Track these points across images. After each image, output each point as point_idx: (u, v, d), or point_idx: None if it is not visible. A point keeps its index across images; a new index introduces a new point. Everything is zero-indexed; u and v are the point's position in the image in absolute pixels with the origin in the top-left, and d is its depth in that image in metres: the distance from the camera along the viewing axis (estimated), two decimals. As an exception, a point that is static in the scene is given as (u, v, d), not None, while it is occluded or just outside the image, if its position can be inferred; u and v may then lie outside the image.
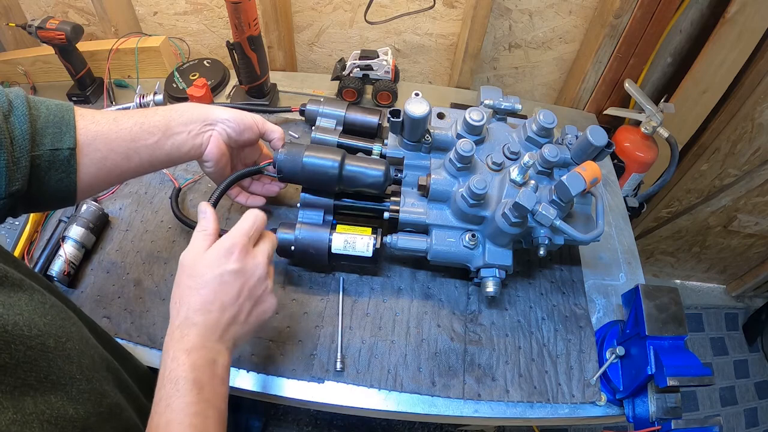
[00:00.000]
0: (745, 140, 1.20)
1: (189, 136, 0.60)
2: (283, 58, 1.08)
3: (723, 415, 1.67)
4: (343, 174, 0.65)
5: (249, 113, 0.65)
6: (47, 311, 0.39)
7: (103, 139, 0.53)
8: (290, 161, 0.65)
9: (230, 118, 0.62)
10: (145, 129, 0.56)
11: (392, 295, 0.74)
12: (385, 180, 0.66)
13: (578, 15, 0.99)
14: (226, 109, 0.63)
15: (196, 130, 0.60)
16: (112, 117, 0.55)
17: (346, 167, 0.65)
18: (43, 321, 0.38)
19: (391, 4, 1.00)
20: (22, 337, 0.35)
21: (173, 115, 0.59)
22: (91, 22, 1.07)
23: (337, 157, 0.65)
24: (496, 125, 0.72)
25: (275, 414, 1.45)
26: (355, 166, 0.65)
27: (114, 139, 0.54)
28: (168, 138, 0.58)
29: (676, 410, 0.60)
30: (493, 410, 0.65)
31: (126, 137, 0.55)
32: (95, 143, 0.52)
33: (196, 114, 0.61)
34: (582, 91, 1.07)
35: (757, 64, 1.02)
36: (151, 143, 0.56)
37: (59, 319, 0.41)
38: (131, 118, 0.56)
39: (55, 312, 0.41)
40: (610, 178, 0.96)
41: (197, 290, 0.48)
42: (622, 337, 0.68)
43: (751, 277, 1.77)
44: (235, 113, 0.63)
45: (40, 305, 0.39)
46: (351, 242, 0.68)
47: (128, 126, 0.55)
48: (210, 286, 0.48)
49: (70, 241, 0.73)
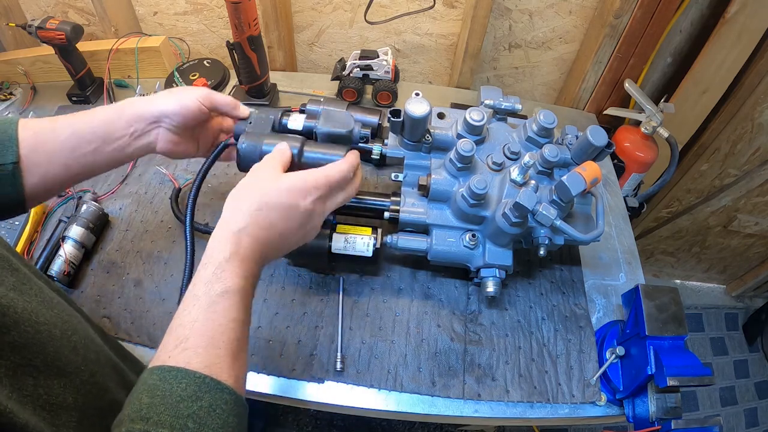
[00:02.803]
0: (745, 140, 1.20)
1: (132, 139, 0.57)
2: (283, 58, 1.08)
3: (723, 415, 1.67)
4: (303, 161, 0.61)
5: (195, 92, 0.60)
6: (54, 306, 0.40)
7: (42, 151, 0.52)
8: (251, 149, 0.60)
9: (174, 111, 0.58)
10: (83, 137, 0.54)
11: (392, 295, 0.74)
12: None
13: (578, 15, 0.99)
14: (170, 97, 0.59)
15: (140, 130, 0.58)
16: (51, 127, 0.54)
17: (305, 154, 0.61)
18: (50, 313, 0.39)
19: (391, 4, 1.00)
20: (31, 321, 0.35)
21: (112, 117, 0.56)
22: (91, 22, 1.07)
23: (296, 144, 0.60)
24: (496, 125, 0.72)
25: (275, 414, 1.45)
26: (314, 153, 0.61)
27: (52, 151, 0.53)
28: (108, 144, 0.56)
29: (676, 410, 0.60)
30: (493, 410, 0.65)
31: (64, 148, 0.53)
32: (35, 157, 0.52)
33: (137, 112, 0.57)
34: (582, 91, 1.07)
35: (757, 64, 1.02)
36: (89, 151, 0.55)
37: (65, 315, 0.41)
38: (69, 127, 0.54)
39: (60, 308, 0.41)
40: (610, 178, 0.96)
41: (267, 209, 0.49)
42: (622, 337, 0.68)
43: (751, 277, 1.77)
44: (179, 100, 0.58)
45: (48, 299, 0.40)
46: (351, 242, 0.68)
47: (65, 136, 0.54)
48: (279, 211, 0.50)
49: (70, 241, 0.72)
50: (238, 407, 0.40)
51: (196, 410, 0.37)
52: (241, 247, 0.46)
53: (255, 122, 0.65)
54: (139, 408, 0.36)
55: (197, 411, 0.37)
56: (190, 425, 0.36)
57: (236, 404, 0.40)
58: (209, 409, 0.38)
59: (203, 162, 0.64)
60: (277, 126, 0.65)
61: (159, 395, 0.37)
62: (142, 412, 0.36)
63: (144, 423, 0.35)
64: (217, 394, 0.39)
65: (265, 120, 0.65)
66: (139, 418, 0.36)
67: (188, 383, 0.38)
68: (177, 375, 0.38)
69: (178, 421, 0.36)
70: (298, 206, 0.50)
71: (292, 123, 0.66)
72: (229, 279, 0.44)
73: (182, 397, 0.37)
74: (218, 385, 0.39)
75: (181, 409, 0.36)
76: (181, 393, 0.37)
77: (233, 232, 0.47)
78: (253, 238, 0.48)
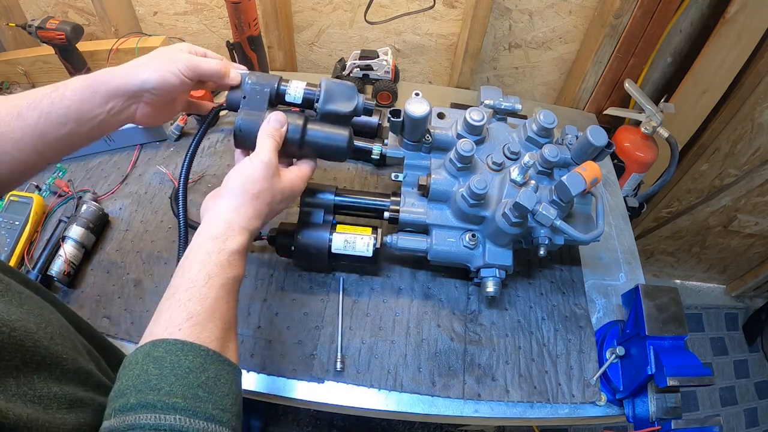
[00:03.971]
0: (745, 140, 1.20)
1: (109, 116, 0.53)
2: (283, 58, 1.08)
3: (723, 415, 1.67)
4: (306, 139, 0.60)
5: (178, 62, 0.54)
6: (23, 301, 0.40)
7: (8, 139, 0.48)
8: (249, 123, 0.58)
9: (155, 86, 0.53)
10: (54, 121, 0.50)
11: (392, 295, 0.74)
12: (348, 146, 0.62)
13: (578, 15, 0.99)
14: (150, 68, 0.53)
15: (118, 107, 0.53)
16: (16, 111, 0.49)
17: (308, 132, 0.60)
18: (20, 310, 0.38)
19: (391, 4, 1.00)
20: (4, 320, 0.35)
21: (85, 94, 0.51)
22: (91, 22, 1.07)
23: (299, 121, 0.59)
24: (496, 125, 0.72)
25: (275, 414, 1.45)
26: (317, 132, 0.60)
27: (20, 138, 0.49)
28: (83, 124, 0.51)
29: (676, 410, 0.60)
30: (493, 410, 0.65)
31: (33, 134, 0.49)
32: (1, 145, 0.48)
33: (114, 88, 0.52)
34: (582, 91, 1.07)
35: (757, 64, 1.02)
36: (63, 134, 0.51)
37: (37, 308, 0.41)
38: (36, 109, 0.49)
39: (32, 302, 0.41)
40: (610, 178, 0.96)
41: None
42: (622, 337, 0.68)
43: (751, 277, 1.77)
44: (161, 75, 0.53)
45: (16, 295, 0.40)
46: (351, 242, 0.68)
47: (33, 120, 0.49)
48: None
49: (70, 241, 0.72)
50: (237, 377, 0.43)
51: (204, 380, 0.39)
52: (249, 242, 0.52)
53: (250, 94, 0.60)
54: (147, 379, 0.38)
55: (205, 381, 0.39)
56: (200, 394, 0.38)
57: (236, 374, 0.43)
58: (215, 378, 0.40)
59: (195, 135, 0.62)
60: (274, 97, 0.61)
61: (167, 366, 0.39)
62: (151, 382, 0.37)
63: (156, 393, 0.37)
64: (220, 365, 0.41)
65: (261, 92, 0.60)
66: (148, 388, 0.37)
67: (195, 355, 0.40)
68: (183, 348, 0.40)
69: (189, 390, 0.38)
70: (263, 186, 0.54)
71: (291, 92, 0.62)
72: (239, 267, 0.49)
73: (191, 369, 0.39)
74: (220, 357, 0.42)
75: (191, 380, 0.38)
76: (188, 365, 0.39)
77: (247, 229, 0.51)
78: (252, 236, 0.53)
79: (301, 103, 0.62)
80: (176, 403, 0.37)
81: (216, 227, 0.49)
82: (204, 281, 0.45)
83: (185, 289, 0.44)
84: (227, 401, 0.40)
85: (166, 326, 0.42)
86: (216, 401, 0.39)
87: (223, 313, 0.45)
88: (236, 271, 0.48)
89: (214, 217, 0.51)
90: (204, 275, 0.45)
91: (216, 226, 0.50)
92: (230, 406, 0.40)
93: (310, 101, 0.62)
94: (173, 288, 0.45)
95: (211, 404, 0.38)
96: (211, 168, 0.87)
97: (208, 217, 0.51)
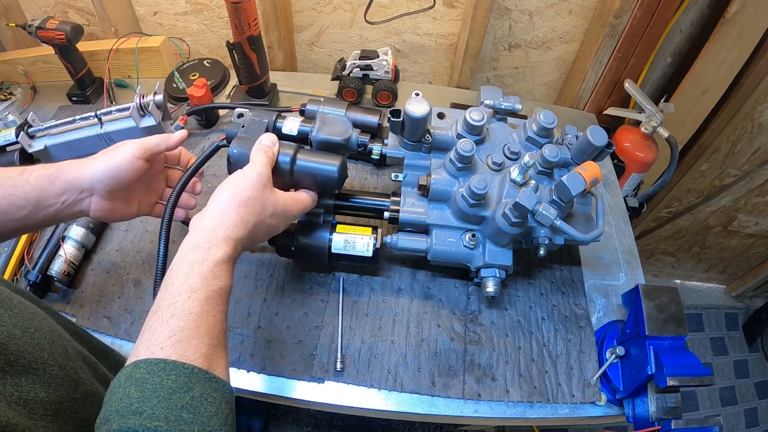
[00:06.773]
0: (745, 140, 1.20)
1: (64, 206, 0.55)
2: (283, 58, 1.08)
3: (723, 415, 1.67)
4: (295, 168, 0.60)
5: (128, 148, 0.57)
6: (13, 306, 0.40)
7: None
8: (242, 156, 0.59)
9: (105, 176, 0.56)
10: (14, 203, 0.52)
11: (392, 295, 0.74)
12: (340, 176, 0.62)
13: (578, 15, 0.99)
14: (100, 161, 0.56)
15: (71, 199, 0.55)
16: None
17: (297, 163, 0.60)
18: (8, 314, 0.39)
19: (391, 4, 1.00)
20: None
21: (45, 184, 0.54)
22: (91, 22, 1.07)
23: (290, 150, 0.59)
24: (496, 125, 0.72)
25: (275, 414, 1.45)
26: (307, 162, 0.60)
27: None
28: (40, 211, 0.54)
29: (676, 410, 0.60)
30: (493, 410, 0.65)
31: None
32: None
33: (68, 181, 0.55)
34: (582, 91, 1.07)
35: (757, 64, 1.02)
36: (20, 217, 0.53)
37: (27, 314, 0.41)
38: (1, 188, 0.52)
39: (21, 307, 0.41)
40: (610, 178, 0.96)
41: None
42: (622, 337, 0.68)
43: (751, 277, 1.77)
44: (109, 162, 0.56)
45: (6, 299, 0.40)
46: (351, 242, 0.68)
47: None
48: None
49: (70, 241, 0.73)
50: (227, 395, 0.41)
51: (189, 400, 0.37)
52: (236, 252, 0.50)
53: (248, 125, 0.63)
54: (129, 403, 0.36)
55: (190, 401, 0.37)
56: (184, 416, 0.36)
57: (225, 392, 0.41)
58: (201, 398, 0.38)
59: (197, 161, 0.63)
60: (271, 130, 0.63)
61: (149, 388, 0.37)
62: (133, 406, 0.36)
63: (137, 417, 0.35)
64: (207, 384, 0.39)
65: (259, 123, 0.63)
66: (130, 412, 0.35)
67: (178, 375, 0.38)
68: (165, 367, 0.38)
69: (172, 413, 0.36)
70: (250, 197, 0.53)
71: (287, 127, 0.64)
72: (225, 278, 0.47)
73: (174, 389, 0.37)
74: (206, 374, 0.40)
75: (174, 401, 0.37)
76: (171, 385, 0.37)
77: (231, 237, 0.49)
78: (243, 248, 0.52)
79: (296, 135, 0.64)
80: (158, 426, 0.35)
81: (198, 236, 0.48)
82: (187, 295, 0.43)
83: (168, 305, 0.43)
84: (215, 421, 0.38)
85: (148, 345, 0.40)
86: (203, 422, 0.37)
87: (208, 327, 0.43)
88: (221, 282, 0.46)
89: (198, 225, 0.50)
90: (187, 289, 0.44)
91: (198, 234, 0.48)
92: (218, 426, 0.38)
93: (305, 135, 0.64)
94: (157, 303, 0.44)
95: (197, 426, 0.36)
96: (211, 168, 0.87)
97: (193, 227, 0.50)
